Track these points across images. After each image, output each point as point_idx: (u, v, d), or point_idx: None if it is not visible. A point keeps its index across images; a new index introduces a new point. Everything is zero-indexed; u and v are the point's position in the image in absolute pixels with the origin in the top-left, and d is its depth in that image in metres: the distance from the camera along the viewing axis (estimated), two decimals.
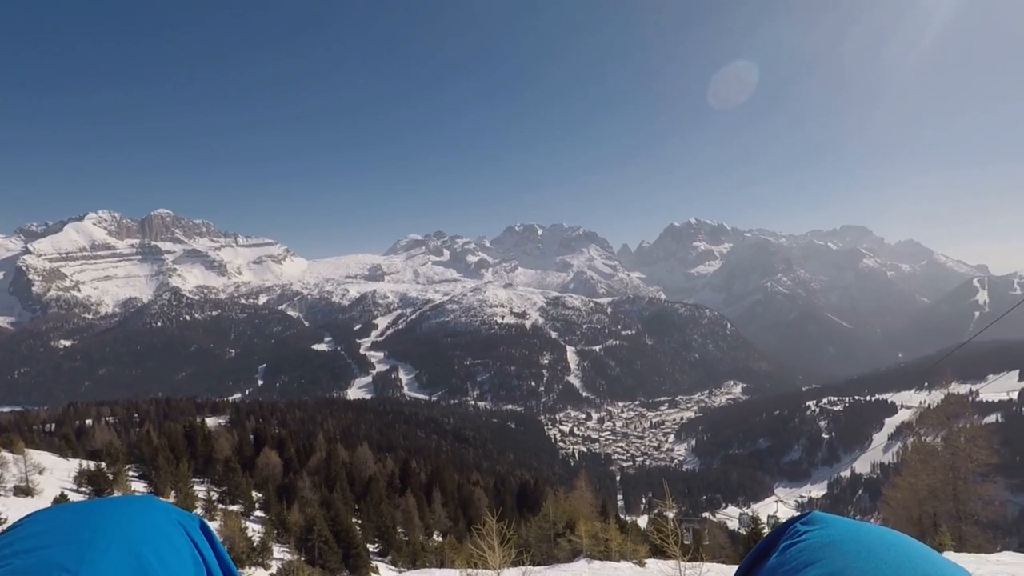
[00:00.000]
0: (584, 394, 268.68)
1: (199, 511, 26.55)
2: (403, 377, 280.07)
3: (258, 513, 32.73)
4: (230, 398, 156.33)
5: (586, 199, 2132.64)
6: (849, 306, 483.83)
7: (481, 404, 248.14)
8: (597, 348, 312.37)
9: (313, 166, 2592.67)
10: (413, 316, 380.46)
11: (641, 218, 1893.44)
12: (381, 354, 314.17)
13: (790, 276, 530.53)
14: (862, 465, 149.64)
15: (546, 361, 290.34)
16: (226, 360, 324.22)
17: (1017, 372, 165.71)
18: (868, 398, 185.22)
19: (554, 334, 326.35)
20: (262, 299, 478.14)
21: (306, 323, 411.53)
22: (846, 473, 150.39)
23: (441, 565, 25.19)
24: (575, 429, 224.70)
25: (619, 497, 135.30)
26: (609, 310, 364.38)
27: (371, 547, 31.81)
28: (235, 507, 31.31)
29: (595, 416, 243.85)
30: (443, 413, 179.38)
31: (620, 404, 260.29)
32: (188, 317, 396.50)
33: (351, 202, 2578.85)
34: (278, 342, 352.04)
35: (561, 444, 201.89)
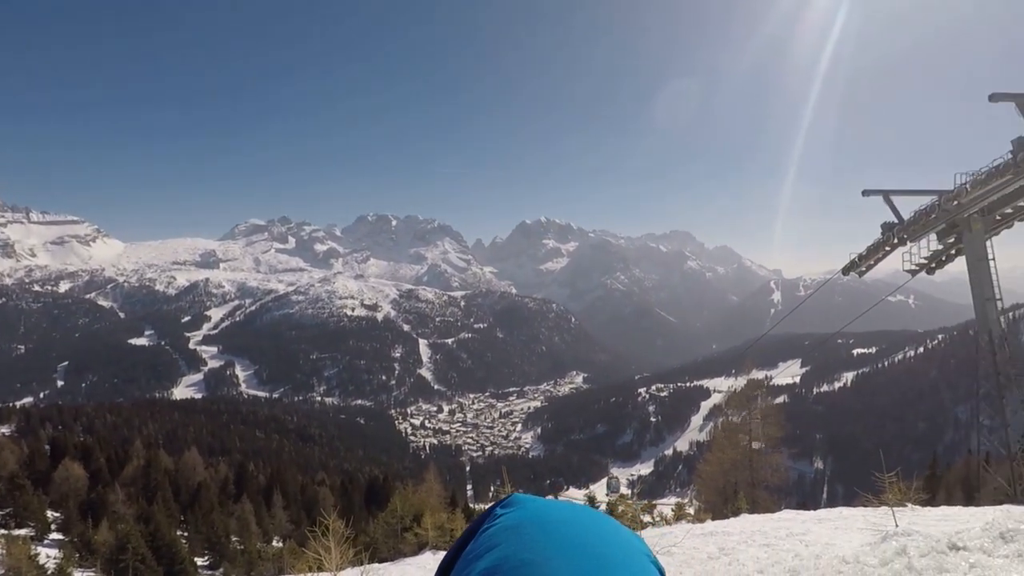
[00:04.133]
0: (436, 387, 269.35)
1: None
2: (240, 373, 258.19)
3: (55, 535, 28.40)
4: (18, 403, 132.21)
5: (441, 192, 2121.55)
6: (675, 303, 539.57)
7: (328, 400, 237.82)
8: (450, 341, 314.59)
9: (128, 130, 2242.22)
10: (253, 307, 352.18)
11: (495, 214, 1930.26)
12: (215, 348, 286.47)
13: (627, 275, 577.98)
14: (682, 444, 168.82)
15: (398, 354, 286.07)
16: (13, 358, 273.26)
17: (800, 360, 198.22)
18: (688, 384, 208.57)
19: (406, 327, 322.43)
20: (63, 286, 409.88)
21: (121, 314, 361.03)
22: (669, 452, 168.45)
23: (280, 572, 23.91)
24: (426, 422, 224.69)
25: (469, 487, 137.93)
26: (462, 303, 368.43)
27: (200, 561, 29.22)
28: (23, 531, 26.82)
29: (446, 408, 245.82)
30: (286, 411, 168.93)
31: (471, 396, 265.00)
32: None
33: (179, 178, 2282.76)
34: (84, 336, 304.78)
35: (412, 438, 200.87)
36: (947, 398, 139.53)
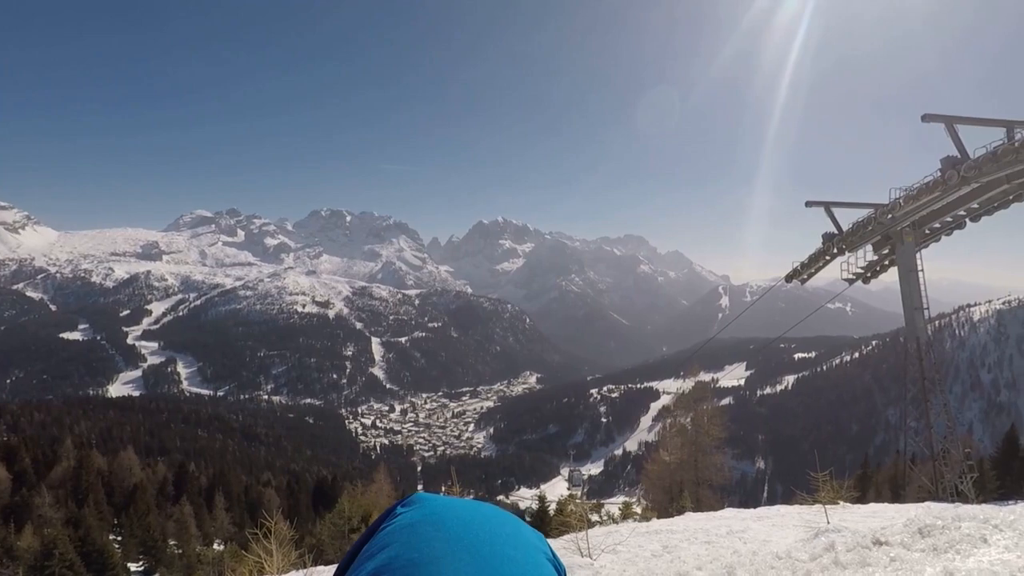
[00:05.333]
0: (388, 386, 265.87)
1: None
2: (183, 370, 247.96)
3: None
4: None
5: (398, 189, 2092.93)
6: (628, 306, 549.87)
7: (276, 399, 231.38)
8: (403, 339, 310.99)
9: (65, 118, 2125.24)
10: (198, 302, 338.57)
11: (452, 213, 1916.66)
12: (155, 344, 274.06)
13: (582, 277, 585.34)
14: (632, 444, 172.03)
15: (349, 353, 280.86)
16: None
17: (745, 363, 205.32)
18: (638, 386, 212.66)
19: (359, 325, 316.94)
20: None
21: (53, 307, 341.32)
22: (619, 452, 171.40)
23: None
24: (378, 422, 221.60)
25: (420, 487, 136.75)
26: (417, 302, 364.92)
27: (134, 566, 27.97)
28: None
29: (398, 408, 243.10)
30: (231, 409, 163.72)
31: (424, 395, 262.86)
32: None
33: (120, 165, 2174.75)
34: (11, 329, 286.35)
35: (363, 437, 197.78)
36: (879, 401, 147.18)
